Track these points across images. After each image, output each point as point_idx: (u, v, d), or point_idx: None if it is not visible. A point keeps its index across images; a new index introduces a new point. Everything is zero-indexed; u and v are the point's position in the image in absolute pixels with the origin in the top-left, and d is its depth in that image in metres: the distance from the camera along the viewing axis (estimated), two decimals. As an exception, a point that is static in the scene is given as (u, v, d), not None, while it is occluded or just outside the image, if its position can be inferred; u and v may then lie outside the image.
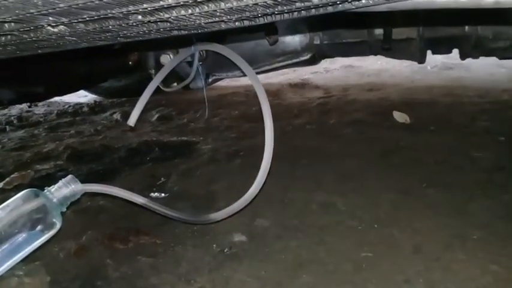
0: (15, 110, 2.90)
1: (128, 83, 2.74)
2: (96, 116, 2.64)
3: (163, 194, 1.42)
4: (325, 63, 3.17)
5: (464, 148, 1.54)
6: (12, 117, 2.69)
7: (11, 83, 1.62)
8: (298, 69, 3.10)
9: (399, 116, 1.92)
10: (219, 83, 1.83)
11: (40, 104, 3.00)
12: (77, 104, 2.93)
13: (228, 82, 2.82)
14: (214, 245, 1.11)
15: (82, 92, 3.03)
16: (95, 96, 3.08)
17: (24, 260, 0.97)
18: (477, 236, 1.04)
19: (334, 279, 0.95)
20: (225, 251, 1.09)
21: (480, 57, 1.40)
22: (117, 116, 2.52)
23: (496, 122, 1.79)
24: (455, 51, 1.40)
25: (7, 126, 2.50)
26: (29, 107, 2.94)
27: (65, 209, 1.00)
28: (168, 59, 1.28)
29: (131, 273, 1.03)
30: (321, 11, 0.56)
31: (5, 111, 2.89)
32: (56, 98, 2.96)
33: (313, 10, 0.55)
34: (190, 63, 1.30)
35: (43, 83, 1.69)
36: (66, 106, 2.89)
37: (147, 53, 1.38)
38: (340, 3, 0.54)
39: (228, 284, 0.96)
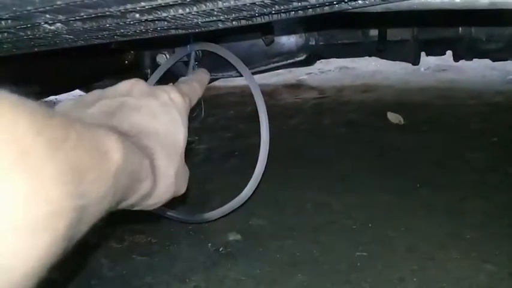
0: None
1: (124, 82, 2.73)
2: (91, 116, 2.63)
3: (158, 194, 1.42)
4: (320, 65, 3.18)
5: (457, 149, 1.55)
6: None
7: (6, 83, 1.61)
8: (293, 70, 3.10)
9: (393, 117, 1.93)
10: (215, 83, 1.83)
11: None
12: (72, 103, 2.92)
13: (224, 82, 2.82)
14: (210, 244, 1.11)
15: (77, 92, 3.02)
16: (91, 96, 3.07)
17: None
18: (470, 236, 1.05)
19: (329, 278, 0.95)
20: (220, 250, 1.09)
21: (473, 60, 1.42)
22: (112, 115, 2.51)
23: (489, 123, 1.80)
24: (449, 53, 1.41)
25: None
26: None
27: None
28: (164, 59, 1.28)
29: (126, 272, 1.03)
30: (318, 11, 0.57)
31: None
32: (51, 97, 2.94)
33: (310, 10, 0.56)
34: (186, 63, 1.30)
35: (38, 82, 1.68)
36: (61, 106, 2.88)
37: (143, 52, 1.38)
38: (336, 4, 0.55)
39: (223, 282, 0.97)
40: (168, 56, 1.26)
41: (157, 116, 0.52)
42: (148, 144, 0.48)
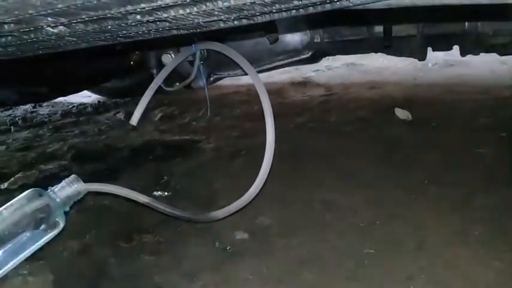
0: (19, 110, 2.92)
1: (131, 82, 2.75)
2: (100, 116, 2.65)
3: (166, 193, 1.43)
4: (327, 61, 3.17)
5: (466, 144, 1.54)
6: (17, 118, 2.70)
7: (16, 84, 1.63)
8: (300, 68, 3.09)
9: (401, 113, 1.92)
10: (221, 82, 1.84)
11: (44, 104, 3.01)
12: (80, 104, 2.94)
13: (230, 81, 2.82)
14: (217, 243, 1.12)
15: (86, 93, 3.04)
16: (99, 96, 3.09)
17: (28, 259, 0.98)
18: (479, 232, 1.04)
19: (336, 276, 0.95)
20: (227, 248, 1.09)
21: (481, 54, 1.40)
22: (120, 115, 2.53)
23: (497, 118, 1.78)
24: (456, 48, 1.40)
25: (12, 127, 2.52)
26: (34, 107, 2.96)
27: (68, 209, 1.01)
28: (169, 59, 1.29)
29: (134, 271, 1.04)
30: (319, 8, 0.56)
31: (10, 112, 2.91)
32: (60, 99, 2.97)
33: (311, 8, 0.55)
34: (192, 63, 1.31)
35: (47, 83, 1.70)
36: (70, 106, 2.90)
37: (148, 52, 1.39)
38: (337, 1, 0.54)
39: (230, 281, 0.97)
40: (173, 55, 1.27)
41: None
42: None
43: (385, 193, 1.27)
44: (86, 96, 3.13)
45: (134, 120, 1.18)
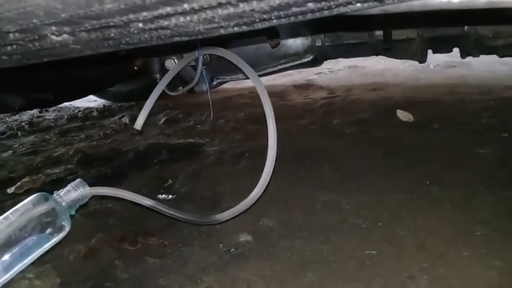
0: (26, 115, 2.95)
1: (135, 87, 2.78)
2: (105, 120, 2.67)
3: (170, 196, 1.45)
4: (329, 64, 3.18)
5: (467, 145, 1.55)
6: (23, 123, 2.73)
7: (22, 90, 1.65)
8: (302, 71, 3.11)
9: (403, 115, 1.93)
10: (224, 86, 1.86)
11: (51, 109, 3.04)
12: (86, 108, 2.96)
13: (233, 84, 2.84)
14: (221, 245, 1.13)
15: (91, 97, 3.07)
16: (104, 100, 3.12)
17: (35, 263, 1.00)
18: (481, 233, 1.05)
19: (338, 277, 0.96)
20: (231, 250, 1.10)
21: (481, 55, 1.41)
22: (125, 119, 2.55)
23: (498, 119, 1.79)
24: (456, 50, 1.41)
25: (18, 132, 2.55)
26: (40, 112, 2.99)
27: (74, 212, 1.02)
28: (172, 64, 1.31)
29: (140, 274, 1.05)
30: (317, 15, 0.58)
31: (16, 116, 2.94)
32: (67, 103, 3.00)
33: (309, 14, 0.57)
34: (195, 67, 1.32)
35: (53, 89, 1.72)
36: (76, 111, 2.93)
37: (152, 58, 1.40)
38: (335, 8, 0.56)
39: (234, 283, 0.98)
40: (176, 61, 1.29)
41: None
42: None
43: (387, 194, 1.28)
44: (92, 101, 3.16)
45: (138, 124, 1.20)
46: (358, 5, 0.55)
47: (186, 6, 0.46)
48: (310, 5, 0.53)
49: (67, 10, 0.44)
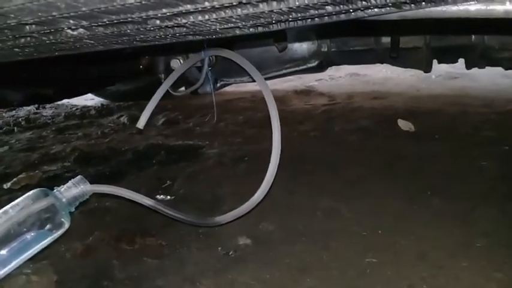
0: (22, 111, 2.93)
1: (134, 87, 2.77)
2: (103, 119, 2.66)
3: (169, 197, 1.44)
4: (330, 71, 3.19)
5: (468, 157, 1.55)
6: (20, 119, 2.71)
7: (21, 85, 1.64)
8: (303, 77, 3.11)
9: (404, 124, 1.93)
10: (225, 89, 1.85)
11: (48, 106, 3.03)
12: (84, 107, 2.95)
13: (234, 88, 2.84)
14: (220, 248, 1.12)
15: (89, 95, 3.06)
16: (102, 99, 3.11)
17: (32, 259, 0.99)
18: (481, 244, 1.05)
19: (338, 284, 0.95)
20: (230, 253, 1.10)
21: (485, 67, 1.41)
22: (124, 119, 2.54)
23: (500, 131, 1.79)
24: (461, 61, 1.41)
25: (15, 128, 2.53)
26: (37, 108, 2.97)
27: (74, 209, 1.01)
28: (178, 64, 1.30)
29: (137, 274, 1.04)
30: (334, 18, 0.58)
31: (13, 112, 2.92)
32: (64, 101, 2.98)
33: (327, 18, 0.57)
34: (200, 68, 1.32)
35: (53, 85, 1.71)
36: (74, 109, 2.91)
37: (157, 57, 1.40)
38: (353, 11, 0.56)
39: (232, 286, 0.97)
40: (182, 61, 1.28)
41: None
42: None
43: (388, 203, 1.28)
44: (89, 99, 3.15)
45: (141, 123, 1.19)
46: (376, 10, 0.55)
47: (207, 4, 0.46)
48: (329, 8, 0.53)
49: (89, 4, 0.44)
